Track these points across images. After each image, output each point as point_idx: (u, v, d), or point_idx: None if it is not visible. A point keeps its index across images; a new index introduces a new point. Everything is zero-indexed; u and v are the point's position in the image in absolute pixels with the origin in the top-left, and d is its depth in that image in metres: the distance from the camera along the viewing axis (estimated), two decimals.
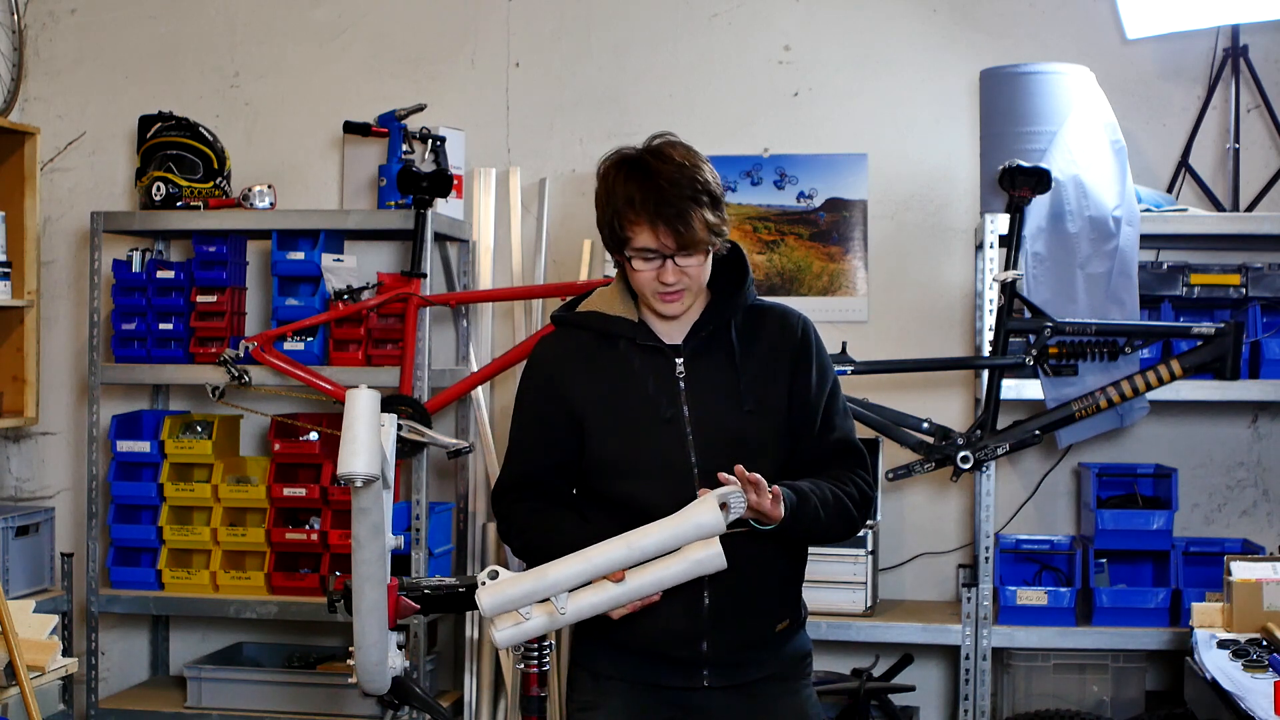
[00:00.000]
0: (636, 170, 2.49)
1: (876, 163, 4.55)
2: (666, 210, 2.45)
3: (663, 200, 2.45)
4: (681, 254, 2.49)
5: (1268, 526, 4.39)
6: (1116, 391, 3.93)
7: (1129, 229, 4.00)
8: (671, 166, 2.48)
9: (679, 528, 2.39)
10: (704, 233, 2.48)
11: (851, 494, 2.57)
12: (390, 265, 4.75)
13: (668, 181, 2.46)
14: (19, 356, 4.60)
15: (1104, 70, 4.19)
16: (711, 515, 2.37)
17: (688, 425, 2.55)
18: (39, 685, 3.63)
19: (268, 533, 4.44)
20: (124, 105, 4.88)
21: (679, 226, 2.45)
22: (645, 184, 2.47)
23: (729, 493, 2.39)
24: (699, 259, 2.51)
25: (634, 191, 2.47)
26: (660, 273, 2.50)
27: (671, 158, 2.50)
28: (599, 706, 2.64)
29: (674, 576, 2.44)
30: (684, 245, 2.47)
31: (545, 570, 2.42)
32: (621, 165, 2.52)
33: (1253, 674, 3.17)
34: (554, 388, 2.61)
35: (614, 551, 2.40)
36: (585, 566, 2.41)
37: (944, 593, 4.51)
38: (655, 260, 2.50)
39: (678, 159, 2.50)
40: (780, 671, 2.64)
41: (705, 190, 2.48)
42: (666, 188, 2.46)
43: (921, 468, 3.97)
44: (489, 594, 2.42)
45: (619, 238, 2.52)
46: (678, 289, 2.52)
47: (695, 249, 2.49)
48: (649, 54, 4.68)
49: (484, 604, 2.42)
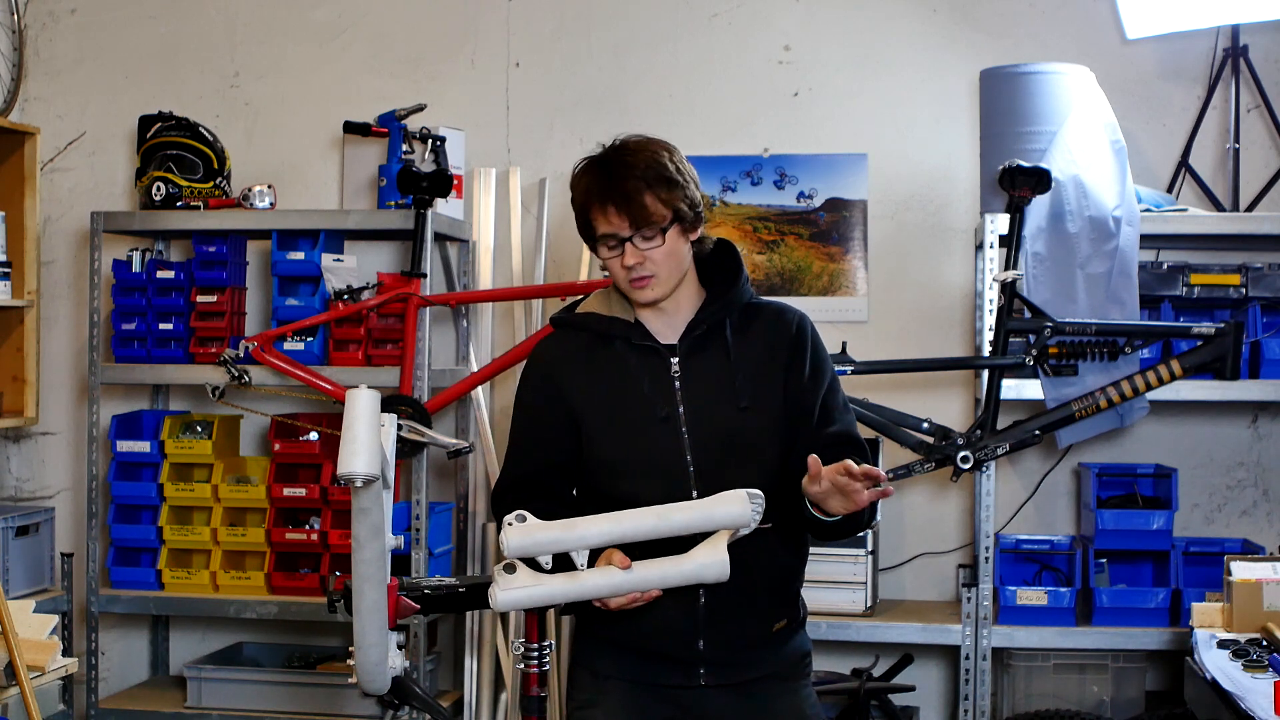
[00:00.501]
0: (593, 162, 2.58)
1: (876, 163, 4.55)
2: (614, 192, 2.52)
3: (610, 182, 2.53)
4: (639, 236, 2.53)
5: (1268, 526, 4.39)
6: (1116, 391, 3.93)
7: (1129, 229, 4.00)
8: (626, 153, 2.55)
9: (710, 511, 2.42)
10: (657, 207, 2.52)
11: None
12: (390, 265, 4.75)
13: (622, 166, 2.54)
14: (19, 356, 4.60)
15: (1104, 70, 4.19)
16: (742, 508, 2.40)
17: (683, 424, 2.56)
18: (39, 685, 3.63)
19: (268, 533, 4.44)
20: (124, 105, 4.88)
21: (625, 205, 2.51)
22: (598, 173, 2.55)
23: (757, 496, 2.42)
24: (658, 241, 2.54)
25: (589, 182, 2.56)
26: (622, 257, 2.54)
27: (628, 147, 2.57)
28: (598, 705, 2.64)
29: (678, 576, 2.46)
30: (635, 223, 2.51)
31: (574, 523, 2.45)
32: (584, 161, 2.60)
33: (1253, 674, 3.17)
34: (552, 388, 2.63)
35: (644, 519, 2.43)
36: (614, 528, 2.43)
37: (944, 593, 4.51)
38: (617, 247, 2.55)
39: (633, 147, 2.57)
40: (779, 671, 2.64)
41: (657, 172, 2.53)
42: (617, 170, 2.53)
43: (921, 468, 3.96)
44: (517, 534, 2.43)
45: (587, 233, 2.59)
46: (645, 274, 2.55)
47: (647, 227, 2.52)
48: (649, 54, 4.68)
49: (510, 543, 2.43)
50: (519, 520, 2.45)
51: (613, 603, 2.47)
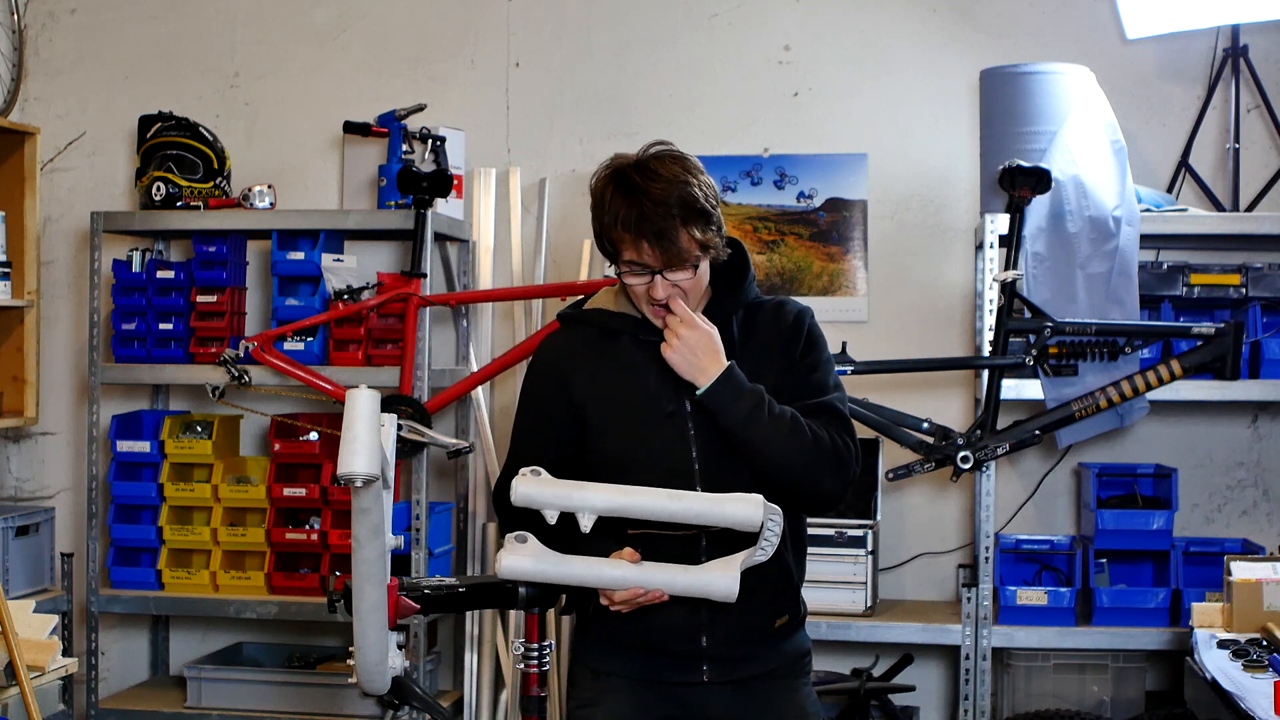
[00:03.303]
0: (623, 186, 2.49)
1: (876, 163, 4.55)
2: (650, 229, 2.46)
3: (645, 218, 2.46)
4: (670, 270, 2.50)
5: (1268, 526, 4.39)
6: (1116, 391, 3.93)
7: (1129, 229, 4.00)
8: (659, 184, 2.47)
9: (722, 506, 2.41)
10: (691, 248, 2.49)
11: (820, 435, 2.52)
12: (390, 265, 4.75)
13: (653, 201, 2.46)
14: (19, 356, 4.60)
15: (1104, 70, 4.19)
16: (753, 511, 2.39)
17: (689, 420, 2.56)
18: (39, 685, 3.63)
19: (268, 533, 4.44)
20: (124, 105, 4.88)
21: (664, 244, 2.47)
22: (630, 201, 2.47)
23: (776, 513, 2.41)
24: (689, 274, 2.52)
25: (620, 208, 2.48)
26: (650, 288, 2.52)
27: (660, 174, 2.49)
28: (599, 703, 2.65)
29: (685, 584, 2.46)
30: (670, 263, 2.49)
31: (584, 485, 2.44)
32: (611, 179, 2.52)
33: (1253, 674, 3.17)
34: (557, 383, 2.63)
35: (656, 497, 2.43)
36: (622, 499, 2.42)
37: (944, 593, 4.51)
38: (645, 275, 2.51)
39: (666, 175, 2.48)
40: (780, 669, 2.64)
41: (693, 207, 2.47)
42: (651, 206, 2.46)
43: (921, 468, 3.96)
44: (525, 483, 2.43)
45: (610, 251, 2.55)
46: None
47: (682, 265, 2.50)
48: (649, 54, 4.68)
49: (518, 491, 2.43)
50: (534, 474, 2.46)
51: (617, 597, 2.47)
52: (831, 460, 2.53)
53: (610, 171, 2.53)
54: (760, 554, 2.45)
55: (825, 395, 2.60)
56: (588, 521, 2.42)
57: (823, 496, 2.56)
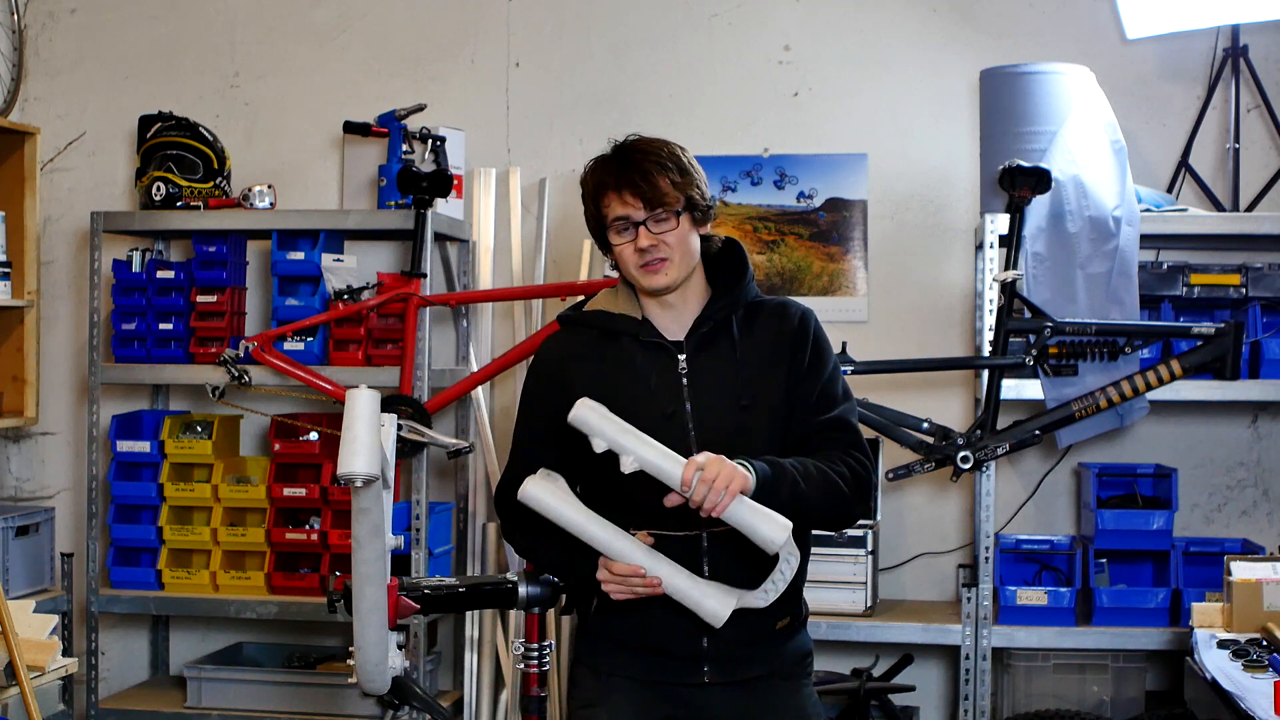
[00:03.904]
0: (607, 155, 2.63)
1: (876, 163, 4.55)
2: (630, 173, 2.56)
3: (626, 165, 2.58)
4: (652, 219, 2.56)
5: (1268, 526, 4.39)
6: (1116, 391, 3.93)
7: (1129, 229, 4.00)
8: (639, 144, 2.62)
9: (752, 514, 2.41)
10: (671, 192, 2.56)
11: (842, 472, 2.55)
12: (390, 265, 4.75)
13: (632, 153, 2.60)
14: (19, 356, 4.60)
15: (1104, 70, 4.19)
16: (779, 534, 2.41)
17: (689, 420, 2.57)
18: (39, 685, 3.63)
19: (268, 533, 4.44)
20: (124, 105, 4.88)
21: (641, 184, 2.55)
22: (613, 160, 2.61)
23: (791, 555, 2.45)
24: (672, 224, 2.57)
25: (602, 171, 2.61)
26: (635, 241, 2.56)
27: (641, 139, 2.63)
28: (600, 703, 2.65)
29: (681, 588, 2.50)
30: (650, 203, 2.55)
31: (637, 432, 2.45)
32: (598, 158, 2.65)
33: (1253, 674, 3.17)
34: (558, 384, 2.63)
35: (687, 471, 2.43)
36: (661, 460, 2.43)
37: (944, 593, 4.51)
38: (630, 231, 2.57)
39: (646, 140, 2.63)
40: (781, 669, 2.64)
41: (671, 158, 2.59)
42: (631, 157, 2.59)
43: (921, 468, 3.96)
44: (587, 408, 2.46)
45: (600, 222, 2.62)
46: (659, 257, 2.57)
47: (663, 208, 2.56)
48: (649, 54, 4.68)
49: (577, 411, 2.46)
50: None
51: (615, 568, 2.49)
52: (857, 491, 2.58)
53: (595, 158, 2.66)
54: (762, 597, 2.48)
55: (836, 408, 2.62)
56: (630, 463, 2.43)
57: (854, 520, 2.63)
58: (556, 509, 2.52)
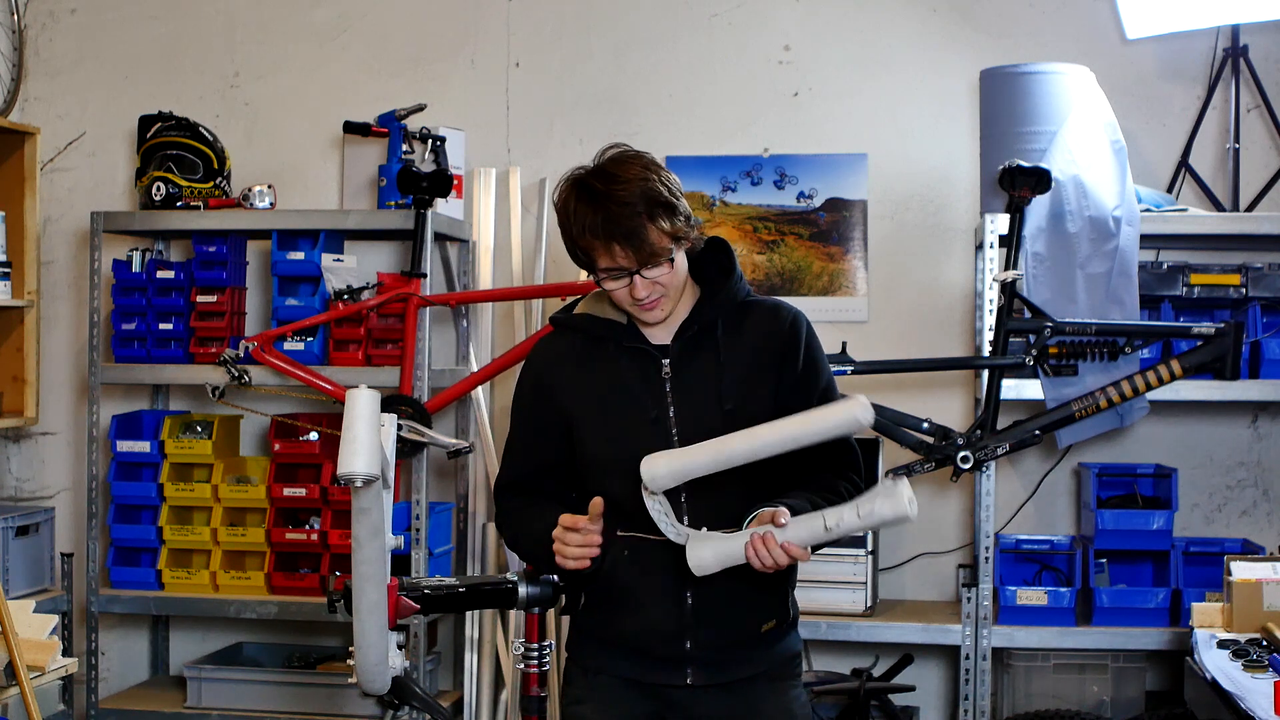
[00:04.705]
0: (586, 194, 2.50)
1: (876, 163, 4.55)
2: (619, 231, 2.46)
3: (612, 221, 2.46)
4: (646, 268, 2.50)
5: (1268, 526, 4.39)
6: (1116, 391, 3.93)
7: (1129, 229, 4.00)
8: (620, 185, 2.48)
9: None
10: (663, 242, 2.49)
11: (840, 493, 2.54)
12: (390, 265, 4.75)
13: (617, 203, 2.46)
14: (19, 356, 4.60)
15: (1104, 70, 4.19)
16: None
17: (673, 425, 2.56)
18: (39, 685, 3.63)
19: (268, 533, 4.44)
20: (124, 105, 4.88)
21: (634, 243, 2.47)
22: (595, 207, 2.48)
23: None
24: (666, 268, 2.51)
25: (585, 216, 2.49)
26: (631, 289, 2.52)
27: (619, 176, 2.49)
28: (588, 700, 2.66)
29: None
30: (644, 260, 2.49)
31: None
32: (573, 190, 2.52)
33: (1253, 674, 3.17)
34: (546, 390, 2.64)
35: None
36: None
37: (944, 593, 4.51)
38: (623, 278, 2.51)
39: (625, 176, 2.49)
40: (768, 671, 2.63)
41: (656, 201, 2.47)
42: (616, 209, 2.46)
43: (921, 468, 3.96)
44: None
45: (584, 260, 2.55)
46: (654, 298, 2.54)
47: (657, 261, 2.50)
48: (649, 54, 4.68)
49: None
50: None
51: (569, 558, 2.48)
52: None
53: (571, 183, 2.53)
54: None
55: None
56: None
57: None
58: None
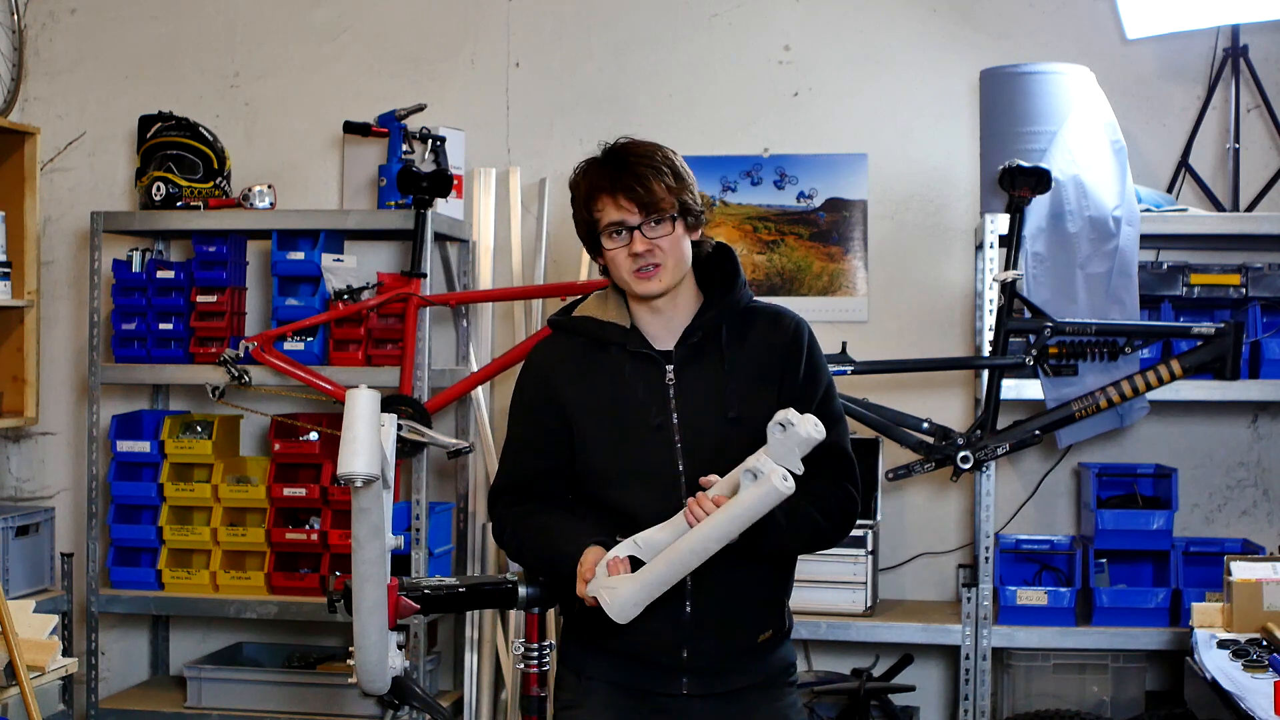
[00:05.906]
0: (599, 158, 2.59)
1: (876, 163, 4.55)
2: (625, 177, 2.53)
3: (621, 169, 2.54)
4: (647, 224, 2.52)
5: (1268, 526, 4.39)
6: (1116, 391, 3.93)
7: (1129, 229, 4.00)
8: (631, 146, 2.58)
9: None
10: (666, 197, 2.52)
11: (828, 508, 2.53)
12: (390, 265, 4.75)
13: (626, 156, 2.56)
14: (19, 356, 4.60)
15: (1104, 70, 4.19)
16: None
17: (676, 432, 2.55)
18: (39, 685, 3.63)
19: (268, 533, 4.44)
20: (124, 105, 4.88)
21: (637, 188, 2.51)
22: (605, 164, 2.57)
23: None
24: (666, 229, 2.53)
25: (596, 173, 2.57)
26: (630, 246, 2.53)
27: (631, 143, 2.59)
28: (581, 705, 2.64)
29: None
30: (645, 208, 2.51)
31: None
32: (588, 162, 2.61)
33: (1253, 674, 3.17)
34: (546, 393, 2.62)
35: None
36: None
37: (944, 593, 4.51)
38: (624, 236, 2.54)
39: (638, 144, 2.59)
40: (762, 681, 2.62)
41: (665, 163, 2.55)
42: (625, 161, 2.55)
43: (921, 468, 3.96)
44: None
45: (592, 227, 2.58)
46: (653, 263, 2.54)
47: (658, 214, 2.52)
48: (649, 54, 4.68)
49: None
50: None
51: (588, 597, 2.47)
52: (842, 523, 2.58)
53: (585, 161, 2.62)
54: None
55: (834, 433, 2.53)
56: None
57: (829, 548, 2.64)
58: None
